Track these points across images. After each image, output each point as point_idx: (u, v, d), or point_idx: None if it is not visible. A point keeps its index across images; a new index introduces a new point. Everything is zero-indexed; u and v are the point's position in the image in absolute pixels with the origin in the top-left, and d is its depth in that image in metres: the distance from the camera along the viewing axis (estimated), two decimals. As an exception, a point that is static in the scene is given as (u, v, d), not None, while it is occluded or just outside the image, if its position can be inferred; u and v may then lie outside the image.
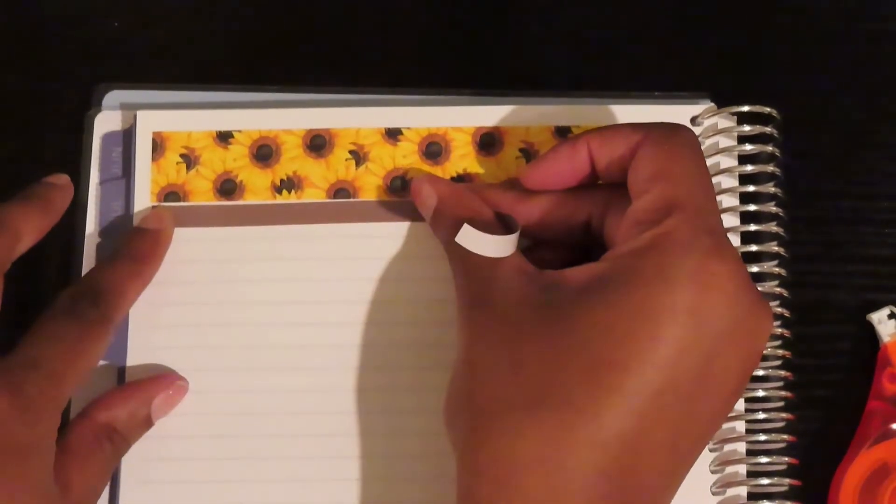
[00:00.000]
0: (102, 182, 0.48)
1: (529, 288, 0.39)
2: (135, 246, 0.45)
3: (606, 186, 0.41)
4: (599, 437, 0.35)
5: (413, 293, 0.46)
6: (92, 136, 0.49)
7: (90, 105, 0.49)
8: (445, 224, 0.43)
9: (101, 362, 0.45)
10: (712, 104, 0.47)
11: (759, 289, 0.39)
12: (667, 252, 0.37)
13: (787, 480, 0.44)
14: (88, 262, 0.47)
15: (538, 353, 0.37)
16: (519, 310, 0.39)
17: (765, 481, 0.44)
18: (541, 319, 0.38)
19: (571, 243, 0.44)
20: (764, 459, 0.45)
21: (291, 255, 0.46)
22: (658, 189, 0.38)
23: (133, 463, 0.44)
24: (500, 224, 0.43)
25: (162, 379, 0.45)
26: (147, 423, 0.44)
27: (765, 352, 0.45)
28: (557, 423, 0.35)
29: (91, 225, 0.48)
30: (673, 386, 0.36)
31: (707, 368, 0.36)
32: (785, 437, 0.45)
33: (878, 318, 0.47)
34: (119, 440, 0.43)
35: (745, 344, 0.37)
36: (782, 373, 0.45)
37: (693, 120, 0.47)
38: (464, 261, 0.42)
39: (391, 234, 0.46)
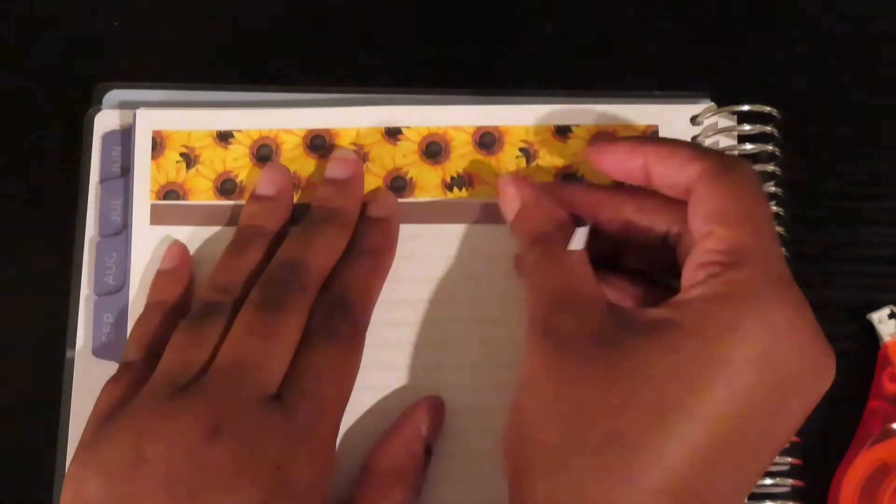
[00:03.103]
0: (102, 181, 0.48)
1: (601, 322, 0.38)
2: (369, 239, 0.45)
3: (685, 204, 0.40)
4: (664, 484, 0.34)
5: (413, 294, 0.46)
6: (92, 135, 0.49)
7: (90, 105, 0.49)
8: (522, 237, 0.43)
9: (103, 361, 0.46)
10: (712, 104, 0.47)
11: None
12: (739, 302, 0.36)
13: (789, 481, 0.44)
14: (89, 260, 0.47)
15: (602, 393, 0.36)
16: (588, 346, 0.37)
17: (767, 481, 0.44)
18: (608, 359, 0.37)
19: (648, 263, 0.43)
20: (765, 459, 0.45)
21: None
22: (721, 232, 0.37)
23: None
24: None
25: (418, 406, 0.44)
26: (428, 453, 0.44)
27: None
28: (620, 467, 0.35)
29: (91, 224, 0.48)
30: (741, 435, 0.35)
31: (775, 418, 0.36)
32: (786, 436, 0.45)
33: (879, 317, 0.47)
34: (410, 484, 0.43)
35: (810, 391, 0.37)
36: (783, 373, 0.45)
37: (693, 119, 0.47)
38: (539, 281, 0.41)
39: None
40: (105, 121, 0.49)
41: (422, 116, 0.47)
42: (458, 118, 0.47)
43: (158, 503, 0.37)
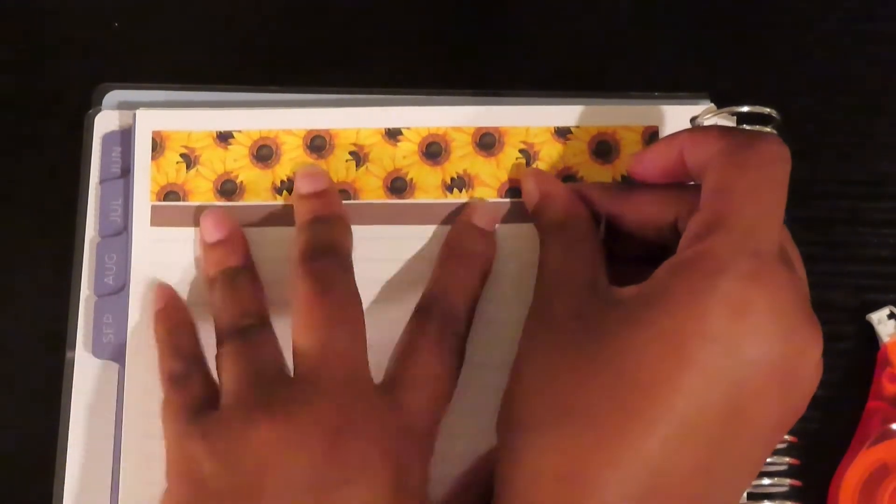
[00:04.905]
0: (102, 182, 0.48)
1: (590, 303, 0.38)
2: (473, 248, 0.45)
3: (694, 188, 0.40)
4: (622, 460, 0.34)
5: (414, 295, 0.45)
6: (92, 135, 0.49)
7: (90, 105, 0.49)
8: (541, 224, 0.44)
9: (101, 361, 0.46)
10: (712, 104, 0.47)
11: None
12: (701, 273, 0.35)
13: (787, 481, 0.44)
14: (89, 261, 0.47)
15: (572, 369, 0.36)
16: (570, 324, 0.38)
17: (766, 481, 0.44)
18: (583, 335, 0.37)
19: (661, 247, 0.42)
20: (764, 460, 0.45)
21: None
22: (716, 203, 0.37)
23: (133, 463, 0.44)
24: (597, 224, 0.43)
25: None
26: None
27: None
28: (581, 441, 0.35)
29: (91, 225, 0.48)
30: (700, 414, 0.34)
31: (739, 398, 0.35)
32: (785, 437, 0.45)
33: (878, 318, 0.47)
34: None
35: (784, 375, 0.35)
36: (782, 373, 0.45)
37: (693, 120, 0.47)
38: (545, 267, 0.42)
39: (391, 236, 0.46)
40: (105, 121, 0.49)
41: (422, 117, 0.47)
42: (458, 119, 0.47)
43: (285, 495, 0.37)
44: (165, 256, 0.46)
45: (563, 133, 0.47)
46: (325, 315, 0.41)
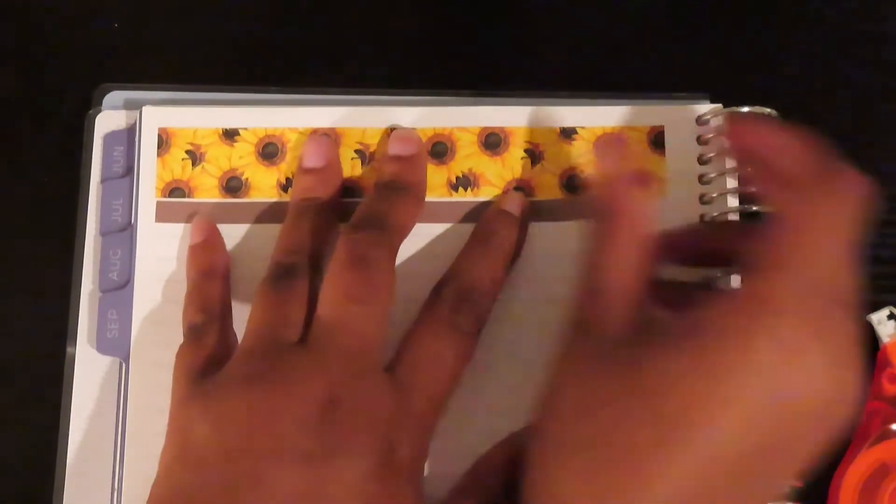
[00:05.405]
0: (104, 181, 0.48)
1: (623, 320, 0.37)
2: (495, 230, 0.45)
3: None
4: (657, 493, 0.33)
5: (418, 293, 0.45)
6: (92, 135, 0.48)
7: (90, 105, 0.49)
8: (591, 213, 0.41)
9: (104, 357, 0.45)
10: (718, 104, 0.47)
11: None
12: (756, 311, 0.34)
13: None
14: (89, 262, 0.47)
15: (608, 395, 0.35)
16: (607, 344, 0.37)
17: (766, 481, 0.45)
18: (621, 359, 0.36)
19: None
20: (766, 459, 0.45)
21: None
22: (780, 237, 0.35)
23: (137, 460, 0.44)
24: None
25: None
26: None
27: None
28: (616, 469, 0.34)
29: (91, 225, 0.48)
30: (738, 452, 0.33)
31: (776, 438, 0.34)
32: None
33: (878, 318, 0.47)
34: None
35: (823, 419, 0.34)
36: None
37: (699, 119, 0.47)
38: (586, 266, 0.40)
39: None
40: (106, 121, 0.49)
41: (427, 117, 0.47)
42: (463, 119, 0.47)
43: (271, 462, 0.37)
44: (170, 252, 0.46)
45: (568, 133, 0.47)
46: (347, 290, 0.41)
